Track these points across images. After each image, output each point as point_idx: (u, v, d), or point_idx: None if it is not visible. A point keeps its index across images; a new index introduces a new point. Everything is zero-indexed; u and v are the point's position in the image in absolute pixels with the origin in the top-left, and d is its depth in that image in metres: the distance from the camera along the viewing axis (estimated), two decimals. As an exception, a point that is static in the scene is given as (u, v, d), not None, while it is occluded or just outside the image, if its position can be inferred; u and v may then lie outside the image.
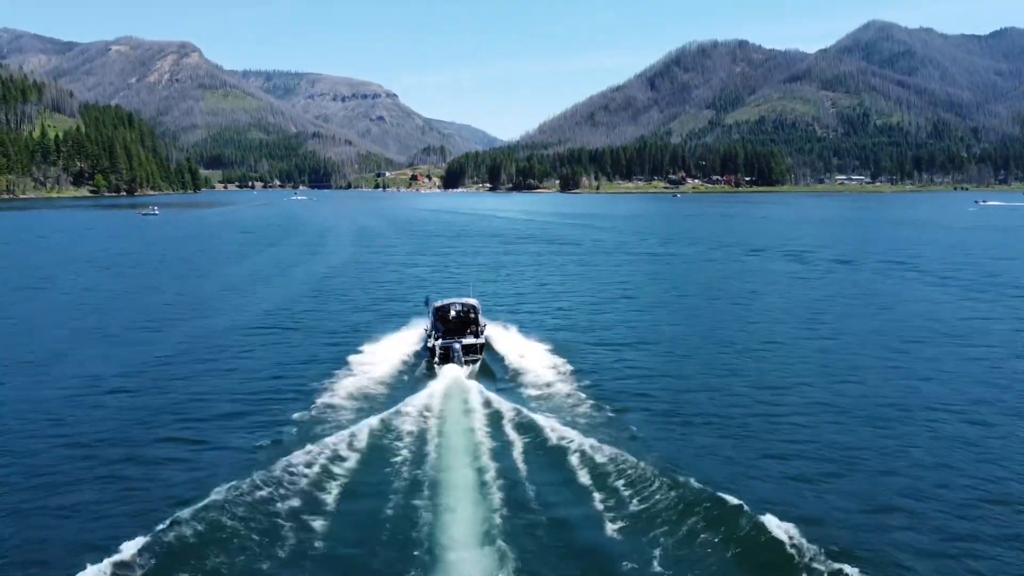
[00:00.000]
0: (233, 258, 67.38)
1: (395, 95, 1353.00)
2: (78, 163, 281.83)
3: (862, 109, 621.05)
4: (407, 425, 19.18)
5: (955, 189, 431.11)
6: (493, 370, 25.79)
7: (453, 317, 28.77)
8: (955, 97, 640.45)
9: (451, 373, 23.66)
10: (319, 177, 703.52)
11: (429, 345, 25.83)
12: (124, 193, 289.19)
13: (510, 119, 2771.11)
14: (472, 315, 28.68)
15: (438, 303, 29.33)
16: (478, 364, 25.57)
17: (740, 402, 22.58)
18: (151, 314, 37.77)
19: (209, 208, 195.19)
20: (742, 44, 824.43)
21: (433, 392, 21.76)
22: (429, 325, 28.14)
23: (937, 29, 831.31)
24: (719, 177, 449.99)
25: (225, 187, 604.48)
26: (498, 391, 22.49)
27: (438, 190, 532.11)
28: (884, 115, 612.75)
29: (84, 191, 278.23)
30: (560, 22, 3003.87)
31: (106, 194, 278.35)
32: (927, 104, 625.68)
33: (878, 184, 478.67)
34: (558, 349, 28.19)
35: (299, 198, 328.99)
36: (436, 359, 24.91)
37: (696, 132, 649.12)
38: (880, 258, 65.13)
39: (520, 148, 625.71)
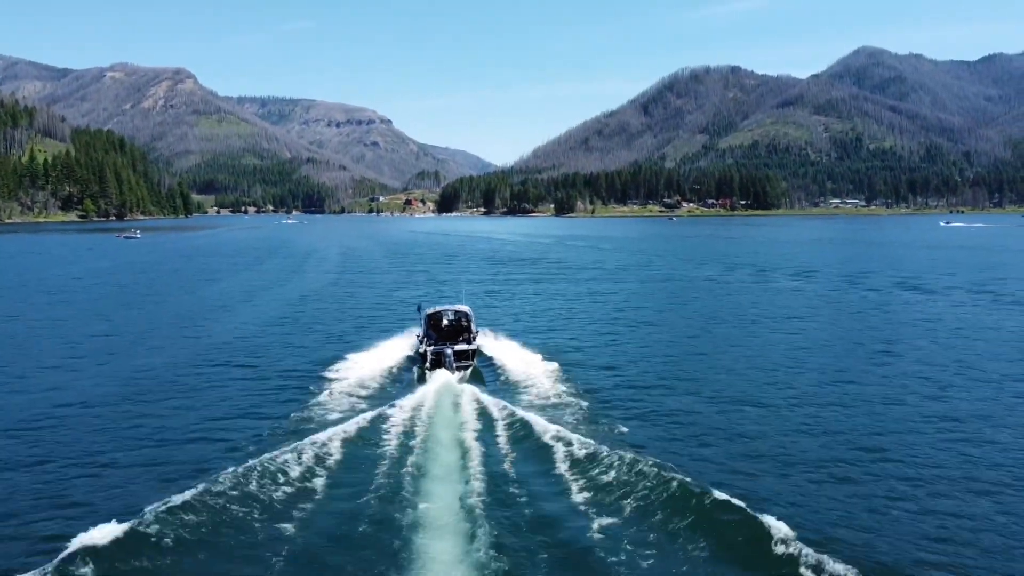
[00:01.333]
0: (201, 282, 62.61)
1: (389, 121, 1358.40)
2: (67, 188, 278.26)
3: (855, 134, 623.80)
4: (395, 424, 19.14)
5: (951, 212, 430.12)
6: (485, 375, 25.80)
7: (446, 324, 28.87)
8: (946, 122, 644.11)
9: (442, 377, 23.69)
10: (313, 202, 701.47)
11: (421, 351, 25.90)
12: (114, 218, 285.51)
13: (504, 144, 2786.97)
14: (464, 322, 28.70)
15: (430, 310, 29.33)
16: (470, 370, 25.48)
17: (731, 402, 22.77)
18: (76, 347, 33.41)
19: (193, 231, 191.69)
20: (734, 70, 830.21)
21: (423, 394, 21.74)
22: (421, 332, 27.94)
23: (927, 55, 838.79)
24: (714, 201, 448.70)
25: (218, 212, 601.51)
26: (489, 393, 22.44)
27: (432, 214, 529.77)
28: (877, 139, 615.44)
29: (73, 216, 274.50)
30: (554, 49, 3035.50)
31: (95, 219, 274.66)
32: (919, 129, 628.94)
33: (873, 207, 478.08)
34: (551, 356, 28.01)
35: (289, 222, 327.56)
36: (427, 364, 24.87)
37: (690, 156, 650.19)
38: (855, 272, 68.06)
39: (514, 173, 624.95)
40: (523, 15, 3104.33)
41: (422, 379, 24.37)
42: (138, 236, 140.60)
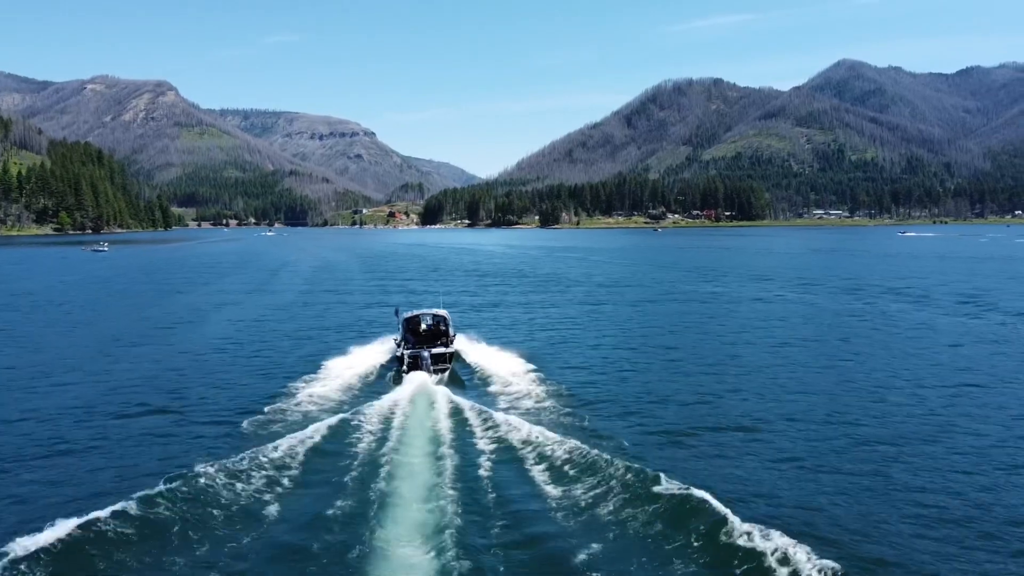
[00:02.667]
0: (155, 297, 58.19)
1: (373, 133, 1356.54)
2: (42, 200, 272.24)
3: (837, 145, 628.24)
4: (368, 425, 19.03)
5: (934, 222, 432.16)
6: (462, 378, 25.67)
7: (424, 329, 28.74)
8: (926, 133, 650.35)
9: (418, 379, 23.43)
10: (295, 214, 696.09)
11: (398, 355, 25.82)
12: (90, 231, 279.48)
13: (488, 157, 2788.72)
14: (442, 326, 28.68)
15: (408, 314, 29.04)
16: (447, 373, 25.16)
17: (707, 405, 22.83)
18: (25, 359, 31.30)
19: (165, 244, 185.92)
20: (717, 82, 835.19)
21: (399, 396, 21.62)
22: (399, 336, 27.86)
23: (905, 68, 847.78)
24: (699, 212, 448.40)
25: (199, 225, 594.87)
26: (464, 395, 22.39)
27: (416, 227, 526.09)
28: (859, 151, 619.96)
29: (48, 229, 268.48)
30: (537, 63, 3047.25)
31: (70, 232, 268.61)
32: (900, 140, 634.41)
33: (857, 218, 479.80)
34: (530, 359, 27.96)
35: (268, 234, 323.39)
36: (404, 367, 24.72)
37: (674, 168, 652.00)
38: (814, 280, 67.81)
39: (499, 185, 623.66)
40: (507, 30, 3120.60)
41: (398, 380, 24.17)
42: (105, 249, 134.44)
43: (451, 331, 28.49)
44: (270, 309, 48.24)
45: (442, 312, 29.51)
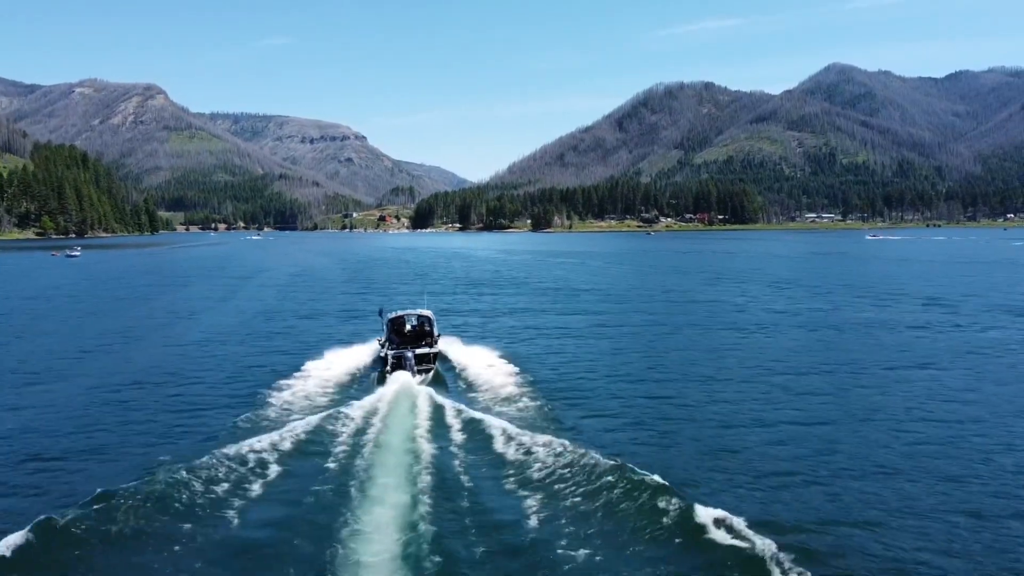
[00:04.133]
0: (119, 304, 53.88)
1: (364, 137, 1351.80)
2: (24, 204, 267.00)
3: (828, 149, 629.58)
4: (349, 425, 18.86)
5: (927, 226, 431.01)
6: (446, 378, 25.66)
7: (408, 329, 28.55)
8: (917, 137, 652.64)
9: (401, 378, 23.25)
10: (285, 219, 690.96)
11: (382, 355, 25.80)
12: (73, 235, 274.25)
13: (479, 160, 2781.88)
14: (427, 327, 28.42)
15: (392, 315, 28.74)
16: (431, 373, 25.15)
17: (692, 406, 22.68)
18: None
19: (145, 248, 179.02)
20: (708, 86, 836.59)
21: (381, 395, 21.57)
22: (383, 337, 27.64)
23: (895, 72, 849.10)
24: (692, 215, 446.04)
25: (187, 229, 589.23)
26: (447, 395, 22.39)
27: (407, 231, 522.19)
28: (850, 154, 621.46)
29: (30, 233, 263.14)
30: (529, 67, 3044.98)
31: (53, 236, 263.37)
32: (891, 144, 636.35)
33: (849, 222, 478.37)
34: (515, 360, 27.82)
35: (255, 238, 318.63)
36: (388, 368, 24.61)
37: (665, 172, 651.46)
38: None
39: (490, 188, 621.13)
40: (498, 33, 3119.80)
41: (382, 380, 24.06)
42: (78, 254, 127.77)
43: (435, 331, 28.26)
44: (244, 317, 44.88)
45: (427, 312, 29.08)
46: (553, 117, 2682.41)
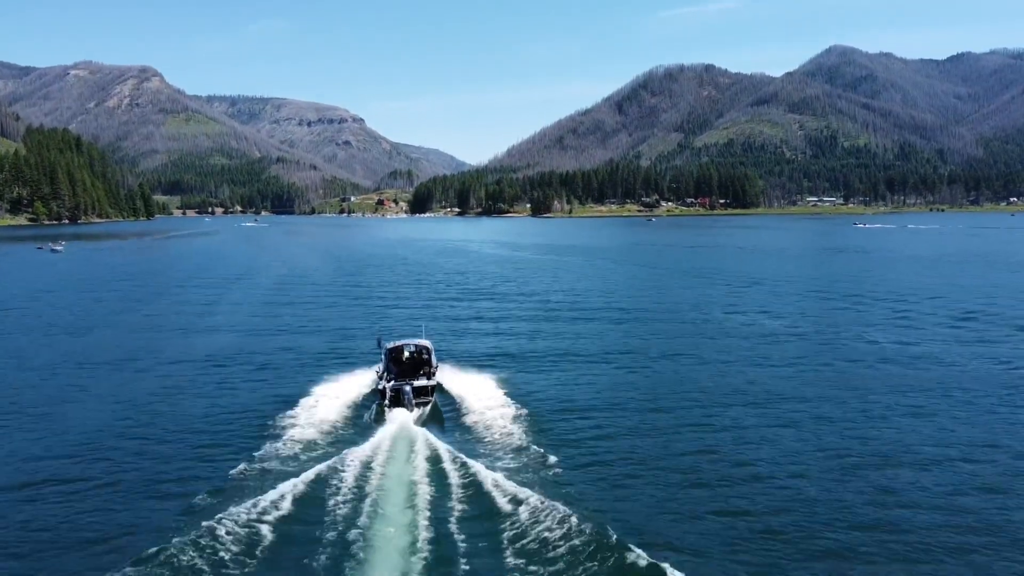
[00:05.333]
0: (98, 315, 49.64)
1: (362, 120, 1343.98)
2: (16, 190, 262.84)
3: (829, 132, 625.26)
4: (347, 479, 18.80)
5: (930, 210, 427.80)
6: (443, 415, 25.28)
7: (406, 359, 28.33)
8: (919, 120, 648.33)
9: (399, 418, 23.16)
10: (282, 202, 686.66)
11: (380, 387, 25.69)
12: (67, 221, 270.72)
13: (478, 143, 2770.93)
14: (425, 356, 28.29)
15: (390, 344, 28.50)
16: (429, 407, 24.92)
17: (702, 468, 20.70)
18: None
19: (133, 240, 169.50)
20: (708, 68, 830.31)
21: (379, 443, 21.37)
22: (381, 367, 27.66)
23: (896, 54, 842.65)
24: (693, 200, 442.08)
25: (183, 213, 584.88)
26: (444, 438, 22.18)
27: (405, 215, 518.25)
28: (851, 137, 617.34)
29: (22, 219, 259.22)
30: (528, 51, 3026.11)
31: (46, 222, 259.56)
32: (892, 127, 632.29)
33: (851, 206, 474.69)
34: (515, 395, 27.15)
35: (249, 224, 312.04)
36: (386, 401, 24.53)
37: (665, 155, 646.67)
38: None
39: (489, 172, 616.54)
40: (498, 17, 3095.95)
41: (380, 419, 23.76)
42: (61, 249, 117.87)
43: (434, 361, 28.04)
44: (226, 338, 40.73)
45: (425, 342, 28.73)
46: (552, 102, 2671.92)
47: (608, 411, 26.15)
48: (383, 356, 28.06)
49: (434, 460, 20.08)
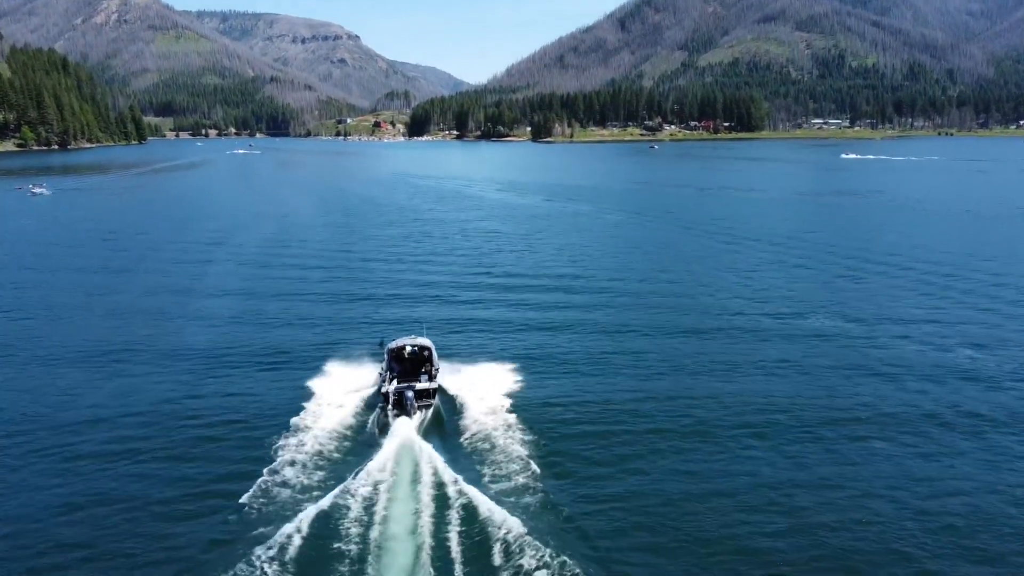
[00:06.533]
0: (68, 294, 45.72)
1: (357, 37, 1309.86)
2: (2, 114, 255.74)
3: (837, 51, 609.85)
4: (353, 511, 19.15)
5: (938, 134, 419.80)
6: (444, 421, 25.35)
7: (407, 358, 28.55)
8: (929, 38, 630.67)
9: (402, 431, 23.52)
10: (277, 124, 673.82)
11: (383, 391, 25.83)
12: (56, 147, 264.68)
13: (477, 62, 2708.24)
14: (426, 354, 28.54)
15: (392, 345, 28.85)
16: (431, 410, 25.59)
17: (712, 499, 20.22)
18: None
19: (119, 174, 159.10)
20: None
21: (384, 464, 21.64)
22: (384, 366, 27.91)
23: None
24: (697, 123, 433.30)
25: (176, 136, 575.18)
26: (444, 453, 22.30)
27: (402, 138, 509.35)
28: (859, 56, 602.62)
29: (10, 145, 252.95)
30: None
31: (35, 148, 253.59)
32: (902, 45, 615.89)
33: (858, 129, 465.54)
34: (511, 392, 27.41)
35: (240, 152, 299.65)
36: (390, 406, 24.94)
37: (668, 75, 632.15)
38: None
39: (488, 92, 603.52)
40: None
41: (384, 429, 24.03)
42: (45, 192, 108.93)
43: (435, 360, 28.29)
44: (211, 324, 37.83)
45: (426, 342, 28.91)
46: (553, 16, 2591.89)
47: (608, 409, 26.14)
48: (385, 356, 28.48)
49: (437, 492, 20.28)
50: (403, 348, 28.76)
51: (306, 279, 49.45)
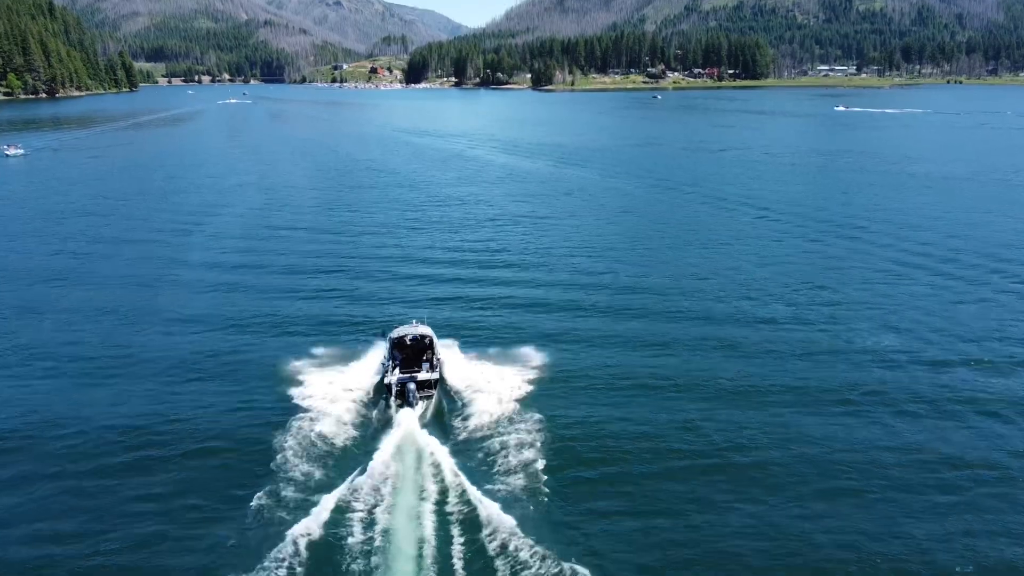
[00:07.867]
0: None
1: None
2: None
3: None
4: (360, 507, 19.43)
5: (947, 81, 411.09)
6: (446, 412, 25.40)
7: (409, 347, 28.62)
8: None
9: (405, 423, 23.63)
10: (271, 70, 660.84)
11: (386, 381, 26.04)
12: (44, 95, 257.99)
13: (475, 4, 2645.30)
14: (427, 342, 28.58)
15: (394, 335, 28.78)
16: (433, 400, 25.75)
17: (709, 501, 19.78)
18: None
19: (103, 128, 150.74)
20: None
21: (389, 458, 21.79)
22: (386, 355, 28.00)
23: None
24: (700, 70, 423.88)
25: (169, 82, 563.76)
26: (446, 445, 22.54)
27: (399, 85, 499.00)
28: (867, 0, 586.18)
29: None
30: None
31: (22, 97, 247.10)
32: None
33: (864, 76, 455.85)
34: (513, 383, 26.78)
35: (232, 102, 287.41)
36: (392, 397, 25.28)
37: (671, 19, 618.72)
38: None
39: (486, 37, 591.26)
40: None
41: (387, 423, 24.13)
42: (20, 153, 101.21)
43: (436, 348, 28.35)
44: (199, 312, 35.46)
45: (427, 331, 28.79)
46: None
47: (613, 399, 25.90)
48: (387, 345, 28.40)
49: (441, 483, 20.66)
50: (404, 337, 28.80)
51: (300, 266, 44.82)
